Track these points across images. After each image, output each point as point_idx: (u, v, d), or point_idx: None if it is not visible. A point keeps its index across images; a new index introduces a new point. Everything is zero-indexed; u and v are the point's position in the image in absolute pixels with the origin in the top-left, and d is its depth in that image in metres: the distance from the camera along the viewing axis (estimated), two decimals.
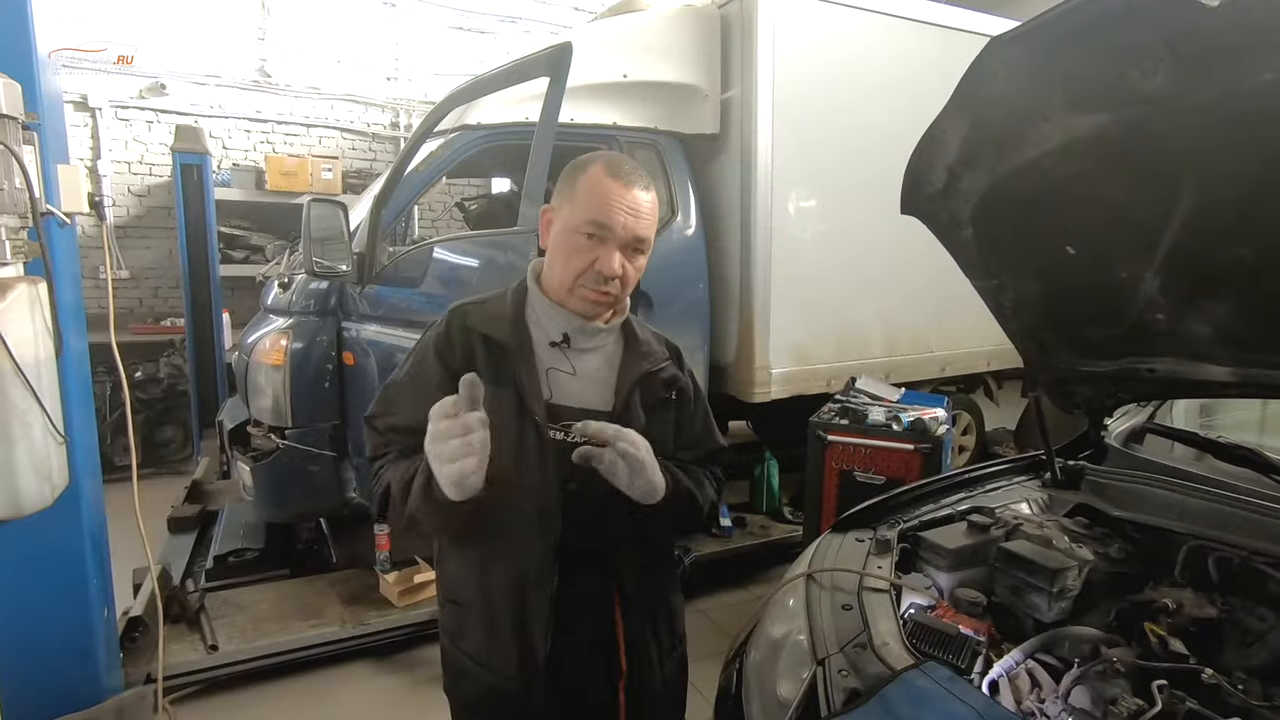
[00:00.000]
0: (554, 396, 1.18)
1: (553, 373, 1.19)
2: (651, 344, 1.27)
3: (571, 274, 1.14)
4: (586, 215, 1.11)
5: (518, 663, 1.17)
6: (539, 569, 1.15)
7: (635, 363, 1.22)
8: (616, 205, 1.10)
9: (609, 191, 1.11)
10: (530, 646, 1.16)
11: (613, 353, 1.24)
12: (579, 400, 1.19)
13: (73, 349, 2.00)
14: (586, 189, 1.12)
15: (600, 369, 1.22)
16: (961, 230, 1.47)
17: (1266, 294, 1.25)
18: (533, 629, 1.16)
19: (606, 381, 1.21)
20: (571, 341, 1.19)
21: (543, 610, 1.15)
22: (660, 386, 1.25)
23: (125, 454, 4.90)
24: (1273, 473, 1.57)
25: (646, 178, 1.16)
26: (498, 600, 1.18)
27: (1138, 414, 2.07)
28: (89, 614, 2.17)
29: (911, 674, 1.08)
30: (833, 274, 3.78)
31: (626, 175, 1.13)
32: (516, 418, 1.14)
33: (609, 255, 1.11)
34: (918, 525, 1.63)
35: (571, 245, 1.13)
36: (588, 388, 1.20)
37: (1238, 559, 1.39)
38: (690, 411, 1.32)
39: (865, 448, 2.90)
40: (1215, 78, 0.89)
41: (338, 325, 3.06)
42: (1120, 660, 1.19)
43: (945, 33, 3.92)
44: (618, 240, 1.11)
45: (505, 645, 1.17)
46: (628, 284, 1.17)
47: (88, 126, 5.56)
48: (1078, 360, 1.67)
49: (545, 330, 1.20)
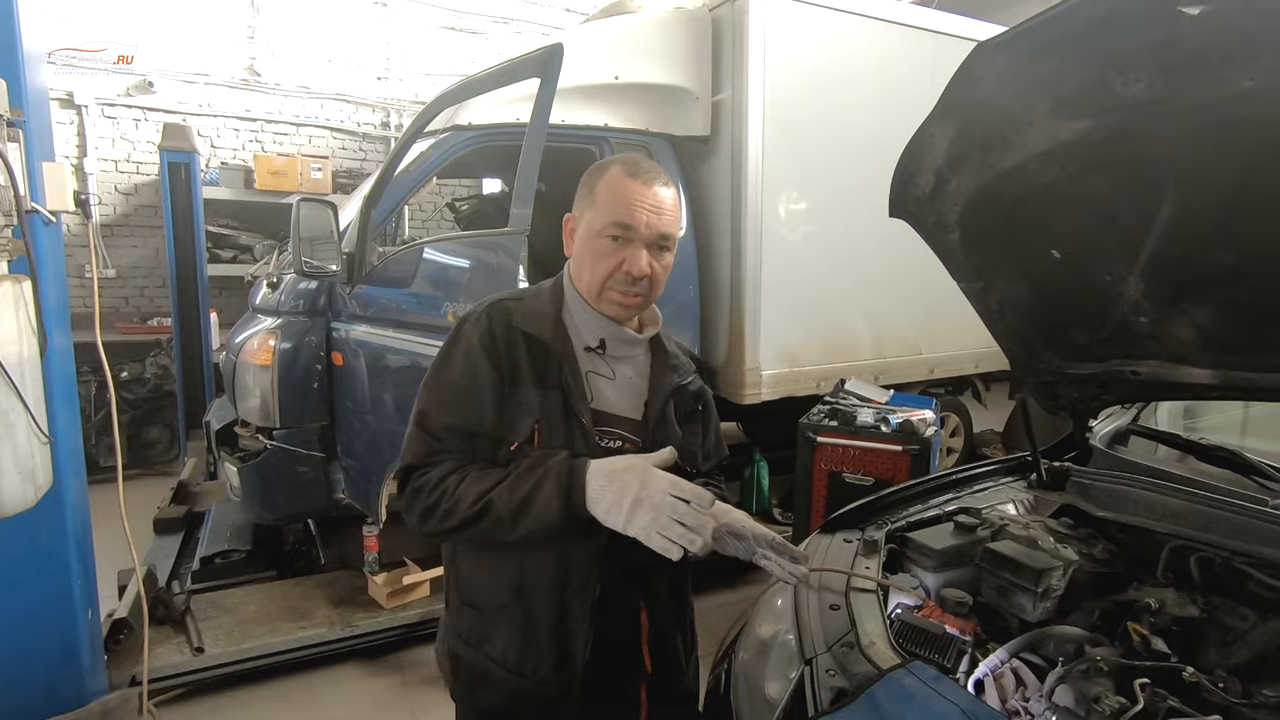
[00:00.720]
0: (594, 401, 1.18)
1: (592, 377, 1.19)
2: (679, 356, 1.29)
3: (600, 277, 1.14)
4: (610, 217, 1.11)
5: (553, 667, 1.16)
6: (583, 575, 1.15)
7: (666, 375, 1.23)
8: (639, 204, 1.10)
9: (630, 191, 1.11)
10: (568, 651, 1.16)
11: (642, 363, 1.25)
12: (615, 407, 1.20)
13: (57, 348, 1.98)
14: (607, 192, 1.13)
15: (633, 378, 1.23)
16: (949, 233, 1.48)
17: (1246, 298, 1.26)
18: (573, 635, 1.15)
19: (639, 391, 1.22)
20: (607, 348, 1.20)
21: (585, 616, 1.15)
22: (690, 399, 1.27)
23: (110, 455, 4.86)
24: (1253, 473, 1.60)
25: (666, 175, 1.16)
26: (536, 605, 1.16)
27: (1122, 416, 2.09)
28: (73, 616, 2.15)
29: (898, 673, 1.09)
30: (822, 276, 3.80)
31: (646, 174, 1.13)
32: (564, 420, 1.14)
33: (636, 255, 1.12)
34: (905, 526, 1.64)
35: (598, 249, 1.13)
36: (623, 396, 1.21)
37: (1219, 559, 1.41)
38: (712, 423, 1.35)
39: (854, 449, 2.91)
40: (1195, 85, 0.90)
41: (327, 325, 3.04)
42: (1103, 659, 1.20)
43: (935, 37, 3.95)
44: (643, 239, 1.12)
45: (540, 650, 1.16)
46: (657, 283, 1.17)
47: (73, 124, 5.51)
48: (1063, 362, 1.68)
49: (581, 334, 1.20)
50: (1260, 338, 1.32)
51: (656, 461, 1.06)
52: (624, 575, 1.18)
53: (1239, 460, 1.65)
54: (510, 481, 1.08)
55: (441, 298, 2.95)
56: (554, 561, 1.14)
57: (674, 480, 1.03)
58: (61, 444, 2.00)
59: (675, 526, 0.99)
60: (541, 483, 1.06)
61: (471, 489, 1.09)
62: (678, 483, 1.02)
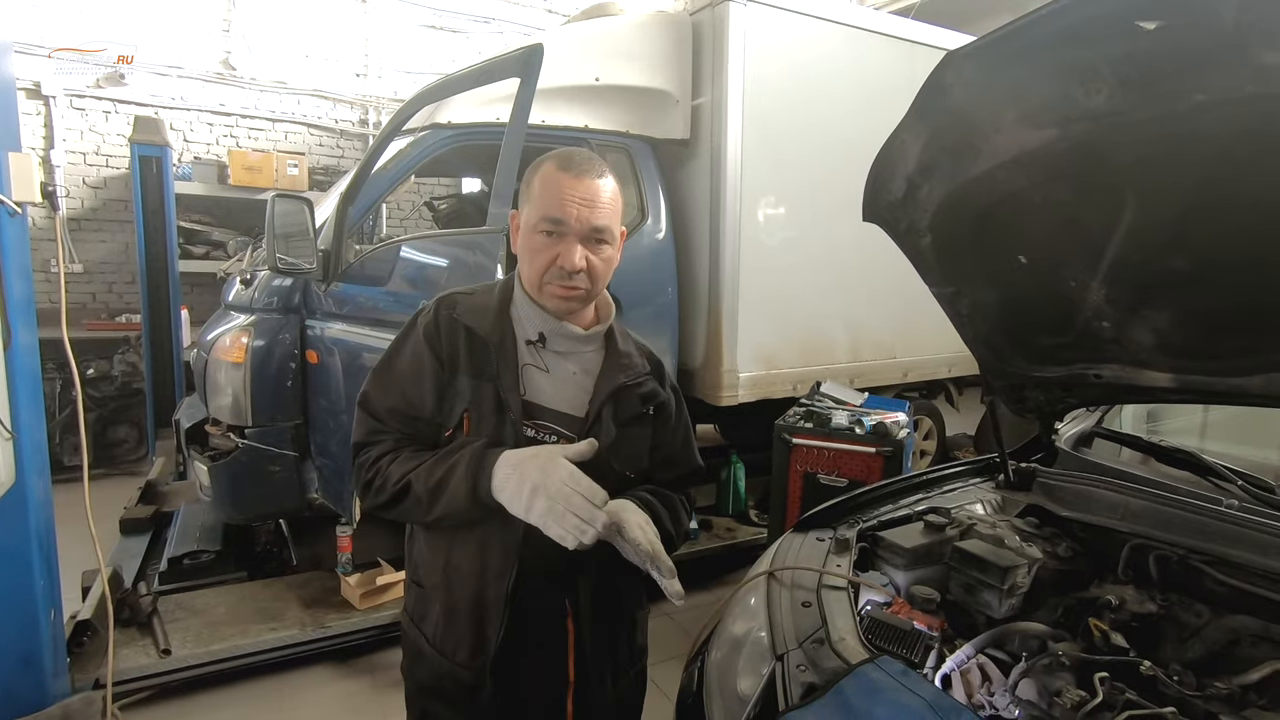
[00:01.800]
0: (528, 394, 1.19)
1: (529, 369, 1.20)
2: (633, 356, 1.27)
3: (537, 272, 1.15)
4: (542, 212, 1.12)
5: (469, 651, 1.19)
6: (500, 561, 1.16)
7: (612, 374, 1.22)
8: (569, 198, 1.11)
9: (561, 185, 1.11)
10: (483, 637, 1.18)
11: (593, 361, 1.24)
12: (553, 402, 1.20)
13: (21, 343, 1.94)
14: (540, 186, 1.13)
15: (578, 375, 1.23)
16: (920, 238, 1.52)
17: (1202, 304, 1.31)
18: (486, 620, 1.17)
19: (584, 388, 1.22)
20: (548, 342, 1.20)
21: (498, 603, 1.16)
22: (637, 401, 1.24)
23: (75, 454, 4.74)
24: (1210, 475, 1.65)
25: (602, 166, 1.16)
26: (458, 587, 1.19)
27: (1087, 418, 2.14)
28: (35, 616, 2.10)
29: (866, 668, 1.11)
30: (799, 280, 3.84)
31: (578, 166, 1.13)
32: (495, 412, 1.15)
33: (569, 249, 1.12)
34: (876, 525, 1.67)
35: (533, 244, 1.15)
36: (563, 391, 1.21)
37: (1176, 557, 1.45)
38: (670, 429, 1.32)
39: (829, 451, 2.95)
40: (1152, 97, 0.94)
41: (301, 323, 3.01)
42: (1065, 654, 1.24)
43: (910, 47, 4.02)
44: (575, 233, 1.12)
45: (459, 632, 1.19)
46: (596, 277, 1.16)
47: (40, 115, 5.38)
48: (1030, 366, 1.73)
49: (525, 327, 1.21)
50: (1216, 342, 1.36)
51: (570, 454, 1.08)
52: (544, 568, 1.17)
53: (1197, 462, 1.70)
54: (429, 464, 1.13)
55: (419, 296, 2.93)
56: (475, 545, 1.17)
57: (573, 472, 1.05)
58: (25, 440, 1.96)
59: (569, 516, 1.02)
60: (455, 467, 1.10)
61: (398, 469, 1.15)
62: (576, 475, 1.05)
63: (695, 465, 1.37)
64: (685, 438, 1.35)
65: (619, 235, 1.20)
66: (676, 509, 1.27)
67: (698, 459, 1.38)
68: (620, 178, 1.24)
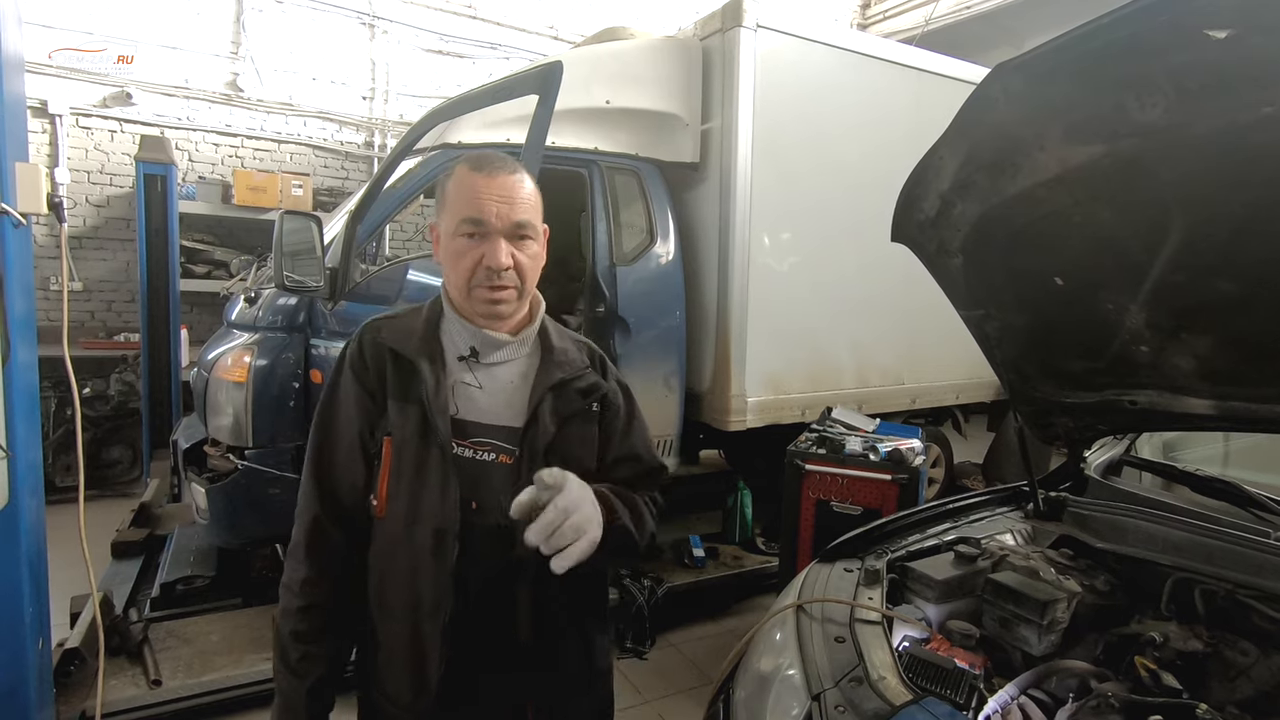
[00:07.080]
0: (460, 412, 1.13)
1: (460, 387, 1.15)
2: (569, 351, 1.22)
3: (464, 277, 1.11)
4: (460, 215, 1.09)
5: (411, 694, 1.12)
6: (433, 596, 1.09)
7: (549, 372, 1.17)
8: (486, 197, 1.08)
9: (475, 185, 1.09)
10: (423, 678, 1.10)
11: (529, 364, 1.19)
12: (490, 417, 1.15)
13: (20, 360, 1.89)
14: (455, 191, 1.11)
15: (514, 381, 1.17)
16: (951, 259, 1.48)
17: (1248, 328, 1.27)
18: (426, 660, 1.10)
19: (520, 393, 1.16)
20: (480, 355, 1.16)
21: (435, 640, 1.09)
22: (576, 396, 1.18)
23: (68, 474, 4.65)
24: (1251, 505, 1.60)
25: (515, 164, 1.14)
26: (391, 628, 1.13)
27: (1115, 446, 2.09)
28: (22, 646, 2.00)
29: (912, 709, 1.05)
30: (807, 304, 3.81)
31: (491, 165, 1.11)
32: (420, 435, 1.11)
33: (494, 248, 1.09)
34: (905, 555, 1.61)
35: (456, 248, 1.11)
36: (499, 402, 1.16)
37: (1223, 591, 1.39)
38: (619, 423, 1.26)
39: (843, 478, 2.88)
40: (1214, 109, 0.91)
41: (306, 342, 2.95)
42: (1114, 695, 1.18)
43: (918, 75, 4.05)
44: (498, 231, 1.09)
45: (398, 675, 1.13)
46: (525, 274, 1.13)
47: (45, 133, 5.37)
48: (1059, 391, 1.68)
49: (455, 344, 1.17)
50: (1261, 368, 1.32)
51: None
52: (493, 601, 1.11)
53: (1238, 492, 1.65)
54: (289, 642, 1.14)
55: None
56: (408, 583, 1.11)
57: None
58: (20, 459, 1.89)
59: None
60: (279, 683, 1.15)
61: (288, 622, 1.15)
62: None
63: (656, 462, 1.31)
64: (640, 432, 1.29)
65: (542, 232, 1.16)
66: (638, 507, 1.20)
67: (656, 456, 1.32)
68: (630, 199, 1.21)
